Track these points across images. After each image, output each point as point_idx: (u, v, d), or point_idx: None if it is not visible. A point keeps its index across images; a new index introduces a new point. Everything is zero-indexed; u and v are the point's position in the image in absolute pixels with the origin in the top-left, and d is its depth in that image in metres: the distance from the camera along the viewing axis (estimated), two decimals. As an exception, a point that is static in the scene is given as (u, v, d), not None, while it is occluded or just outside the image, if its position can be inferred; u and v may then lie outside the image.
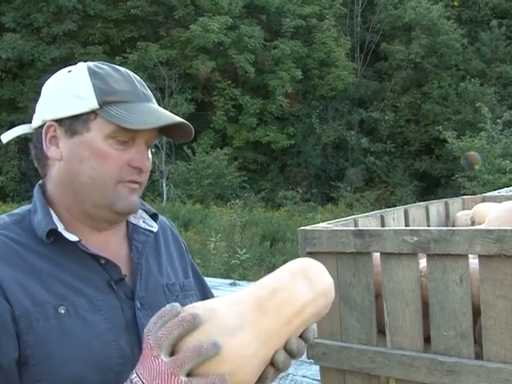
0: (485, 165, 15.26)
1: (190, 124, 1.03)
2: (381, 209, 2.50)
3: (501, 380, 1.34)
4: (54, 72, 1.10)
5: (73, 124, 0.98)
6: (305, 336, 0.89)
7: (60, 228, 0.97)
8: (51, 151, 1.00)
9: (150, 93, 1.06)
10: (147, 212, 1.13)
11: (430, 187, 21.88)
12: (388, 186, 21.74)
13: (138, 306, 1.01)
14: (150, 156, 1.04)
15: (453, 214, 2.76)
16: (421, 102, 23.09)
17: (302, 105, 23.33)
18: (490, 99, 20.38)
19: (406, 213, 2.36)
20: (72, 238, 0.97)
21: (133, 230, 1.10)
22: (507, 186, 5.80)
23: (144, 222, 1.12)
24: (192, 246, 10.25)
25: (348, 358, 1.59)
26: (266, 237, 12.31)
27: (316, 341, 1.66)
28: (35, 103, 1.05)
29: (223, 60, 22.08)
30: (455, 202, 2.87)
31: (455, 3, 26.50)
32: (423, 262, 1.52)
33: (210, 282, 1.33)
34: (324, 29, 23.36)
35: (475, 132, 16.70)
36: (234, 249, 9.64)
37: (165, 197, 18.73)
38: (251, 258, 9.21)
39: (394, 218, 2.25)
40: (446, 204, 2.76)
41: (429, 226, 2.50)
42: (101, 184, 0.98)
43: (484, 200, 2.91)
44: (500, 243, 1.32)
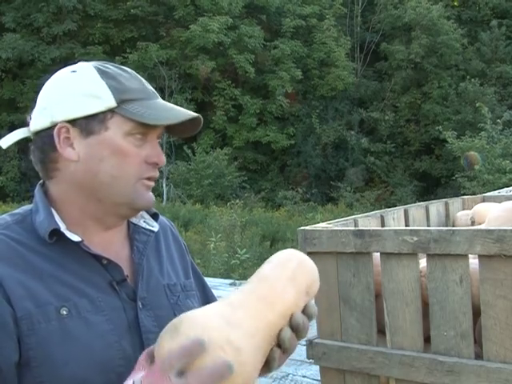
0: (485, 165, 15.26)
1: (201, 118, 1.03)
2: (381, 209, 2.50)
3: (501, 380, 1.34)
4: (54, 72, 1.08)
5: (88, 124, 0.97)
6: (307, 312, 0.91)
7: (62, 228, 0.96)
8: (67, 152, 0.97)
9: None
10: (148, 212, 1.13)
11: (430, 187, 21.89)
12: (388, 186, 21.75)
13: (140, 306, 1.00)
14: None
15: (453, 214, 2.76)
16: (421, 102, 23.09)
17: (302, 105, 23.33)
18: (490, 99, 20.39)
19: (405, 213, 2.36)
20: (74, 237, 0.96)
21: (134, 230, 1.09)
22: (507, 186, 5.80)
23: (145, 222, 1.11)
24: (192, 246, 10.25)
25: (348, 357, 1.59)
26: (265, 237, 12.32)
27: (316, 341, 1.66)
28: (35, 105, 1.03)
29: (223, 60, 22.08)
30: (455, 202, 2.87)
31: (455, 3, 26.50)
32: (423, 262, 1.52)
33: (210, 282, 1.33)
34: (324, 29, 23.36)
35: (475, 132, 16.70)
36: (233, 249, 9.64)
37: (165, 197, 18.73)
38: (251, 258, 9.21)
39: (394, 218, 2.25)
40: (446, 204, 2.76)
41: (429, 225, 2.50)
42: (122, 182, 0.99)
43: (484, 200, 2.91)
44: (500, 243, 1.32)
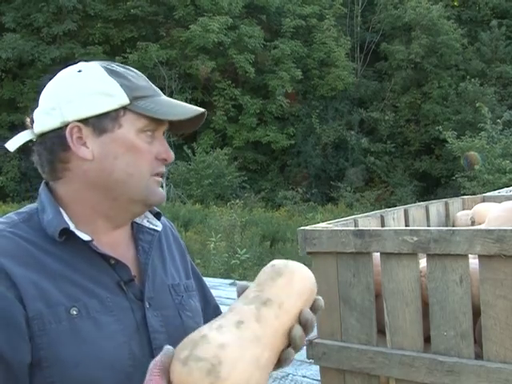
0: (485, 165, 15.26)
1: (206, 114, 1.04)
2: (381, 209, 2.50)
3: (501, 380, 1.34)
4: (55, 73, 1.08)
5: (100, 122, 0.97)
6: (314, 306, 0.91)
7: (72, 227, 0.96)
8: (81, 152, 0.97)
9: None
10: (151, 211, 1.13)
11: (430, 187, 21.89)
12: (388, 186, 21.75)
13: (147, 306, 1.00)
14: None
15: (453, 214, 2.76)
16: (421, 102, 23.09)
17: (302, 105, 23.33)
18: (490, 99, 20.39)
19: (406, 213, 2.36)
20: (84, 237, 0.96)
21: (138, 230, 1.09)
22: (507, 186, 5.80)
23: (148, 222, 1.11)
24: (192, 246, 10.24)
25: (348, 357, 1.59)
26: (265, 237, 12.32)
27: (316, 341, 1.66)
28: (35, 105, 1.02)
29: (223, 60, 22.08)
30: (455, 202, 2.87)
31: (455, 3, 26.50)
32: (423, 262, 1.52)
33: (209, 282, 1.33)
34: (324, 29, 23.36)
35: (475, 132, 16.71)
36: (233, 249, 9.64)
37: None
38: (251, 258, 9.21)
39: (394, 218, 2.25)
40: (446, 204, 2.76)
41: (429, 225, 2.50)
42: (137, 179, 0.99)
43: (484, 200, 2.91)
44: (500, 243, 1.32)
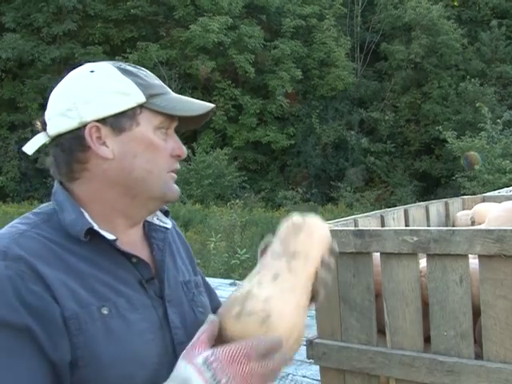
0: (485, 165, 15.26)
1: (213, 108, 1.06)
2: (381, 209, 2.50)
3: (501, 380, 1.34)
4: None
5: (118, 121, 0.98)
6: (331, 251, 1.08)
7: (96, 227, 0.96)
8: (102, 151, 0.97)
9: None
10: (160, 209, 1.13)
11: (430, 187, 21.89)
12: (388, 186, 21.75)
13: (167, 303, 1.02)
14: None
15: (453, 214, 2.76)
16: (421, 102, 23.10)
17: (302, 105, 23.33)
18: (490, 99, 20.40)
19: (406, 213, 2.36)
20: (109, 236, 0.97)
21: (149, 228, 1.10)
22: (507, 186, 5.80)
23: (158, 219, 1.12)
24: (192, 246, 10.15)
25: (348, 357, 1.59)
26: (265, 237, 12.30)
27: (316, 341, 1.66)
28: (44, 105, 1.01)
29: (223, 60, 22.08)
30: (455, 202, 2.87)
31: (455, 3, 26.51)
32: (423, 262, 1.52)
33: (210, 281, 1.33)
34: (324, 29, 23.37)
35: (475, 132, 16.71)
36: (233, 249, 9.64)
37: (165, 197, 18.71)
38: (251, 258, 9.21)
39: (394, 218, 2.25)
40: (446, 204, 2.76)
41: (429, 225, 2.50)
42: (156, 176, 1.00)
43: (484, 200, 2.91)
44: (500, 243, 1.32)
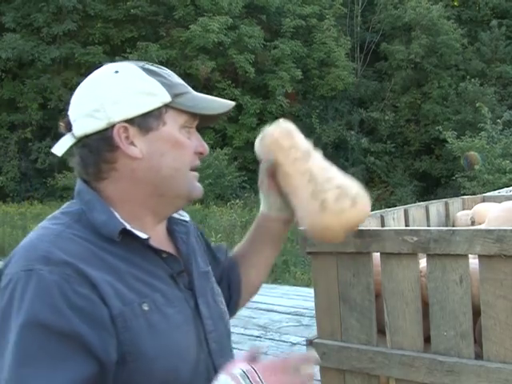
0: (485, 165, 15.25)
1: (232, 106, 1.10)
2: (381, 209, 2.50)
3: (501, 380, 1.34)
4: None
5: (145, 121, 1.00)
6: None
7: (128, 226, 0.98)
8: (131, 151, 0.99)
9: None
10: None
11: (430, 187, 21.88)
12: (388, 186, 21.74)
13: (197, 295, 1.06)
14: None
15: (453, 214, 2.76)
16: (421, 102, 23.08)
17: (301, 105, 23.33)
18: (490, 99, 20.38)
19: (406, 213, 2.35)
20: (143, 235, 0.99)
21: (170, 222, 1.12)
22: (507, 186, 5.80)
23: (177, 213, 1.15)
24: (192, 246, 10.22)
25: (348, 357, 1.59)
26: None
27: (316, 341, 1.66)
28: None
29: (223, 60, 22.07)
30: (455, 202, 2.87)
31: (455, 3, 26.49)
32: (423, 262, 1.52)
33: (209, 282, 1.34)
34: (324, 29, 23.34)
35: (475, 132, 16.70)
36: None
37: (165, 197, 18.69)
38: (251, 258, 9.20)
39: (394, 218, 2.25)
40: (446, 204, 2.76)
41: (429, 225, 2.50)
42: (181, 174, 1.04)
43: (484, 200, 2.91)
44: (500, 243, 1.32)
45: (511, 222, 1.64)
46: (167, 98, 1.01)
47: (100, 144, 0.99)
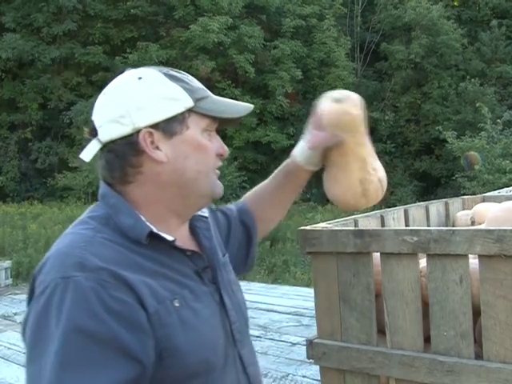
0: (485, 165, 15.26)
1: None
2: (381, 209, 2.50)
3: (501, 380, 1.34)
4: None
5: (169, 125, 1.03)
6: None
7: (155, 229, 1.01)
8: (156, 155, 1.02)
9: None
10: None
11: (430, 187, 21.88)
12: (388, 186, 21.70)
13: (221, 288, 1.11)
14: None
15: (453, 214, 2.76)
16: (421, 102, 23.09)
17: (302, 105, 23.32)
18: (490, 99, 20.39)
19: (406, 213, 2.36)
20: (169, 237, 1.02)
21: (191, 219, 1.15)
22: (507, 186, 5.80)
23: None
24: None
25: (348, 357, 1.59)
26: (265, 237, 12.24)
27: (316, 341, 1.66)
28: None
29: (223, 60, 22.07)
30: (455, 202, 2.87)
31: (455, 3, 26.50)
32: (423, 262, 1.52)
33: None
34: (324, 29, 23.34)
35: (475, 132, 16.70)
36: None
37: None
38: (251, 258, 9.20)
39: (394, 218, 2.25)
40: (446, 204, 2.76)
41: (429, 225, 2.50)
42: (205, 175, 1.07)
43: (484, 200, 2.91)
44: (500, 243, 1.32)
45: (511, 222, 1.64)
46: (190, 103, 1.04)
47: (126, 149, 1.02)
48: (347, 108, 1.32)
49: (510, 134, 16.37)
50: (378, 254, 1.55)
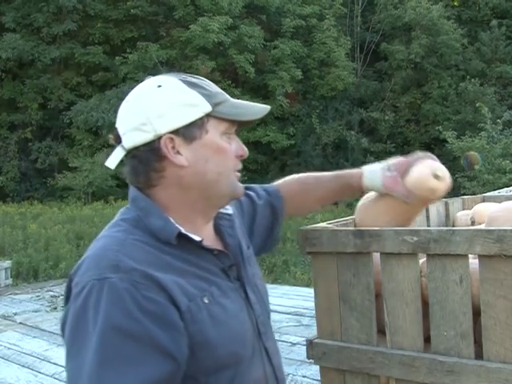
0: (485, 165, 15.25)
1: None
2: (381, 209, 2.47)
3: (501, 380, 1.34)
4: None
5: (189, 131, 1.07)
6: None
7: (183, 230, 1.06)
8: (178, 160, 1.06)
9: None
10: None
11: (430, 187, 21.84)
12: (388, 186, 21.70)
13: (245, 284, 1.16)
14: None
15: (453, 214, 2.75)
16: (421, 102, 23.09)
17: (302, 105, 23.33)
18: (490, 99, 20.39)
19: (406, 213, 2.35)
20: (196, 238, 1.07)
21: (215, 217, 1.19)
22: (507, 186, 5.80)
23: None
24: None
25: (348, 357, 1.59)
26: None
27: (316, 341, 1.66)
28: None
29: (223, 60, 22.07)
30: (455, 202, 2.86)
31: (455, 3, 26.50)
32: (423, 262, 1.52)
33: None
34: (324, 29, 23.35)
35: (475, 132, 16.70)
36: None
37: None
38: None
39: (394, 218, 2.24)
40: (446, 204, 2.76)
41: (429, 225, 2.50)
42: (225, 176, 1.12)
43: (484, 200, 2.90)
44: (500, 243, 1.31)
45: (511, 222, 1.64)
46: (208, 108, 1.08)
47: (148, 155, 1.07)
48: (437, 189, 1.40)
49: (510, 134, 16.36)
50: (378, 253, 1.55)
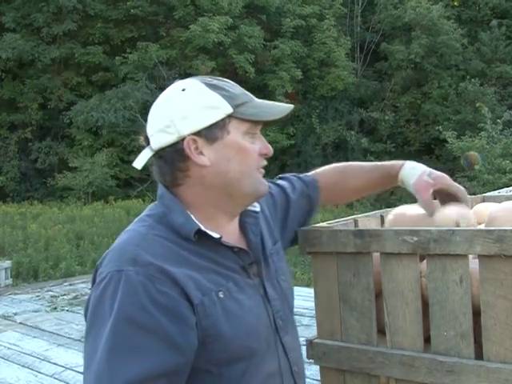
0: (485, 165, 15.27)
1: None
2: (381, 209, 2.49)
3: (501, 380, 1.34)
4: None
5: (211, 132, 1.11)
6: None
7: (202, 227, 1.10)
8: (200, 160, 1.11)
9: None
10: None
11: (430, 187, 21.86)
12: (388, 186, 21.73)
13: (265, 281, 1.20)
14: None
15: (453, 214, 2.75)
16: (421, 102, 23.09)
17: (302, 105, 23.32)
18: (490, 99, 20.40)
19: (406, 213, 2.35)
20: (215, 235, 1.11)
21: (242, 214, 1.23)
22: (507, 186, 5.80)
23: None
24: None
25: (348, 357, 1.58)
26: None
27: (316, 341, 1.66)
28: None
29: (223, 60, 22.08)
30: (455, 202, 2.86)
31: (455, 3, 26.51)
32: (423, 262, 1.52)
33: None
34: (324, 29, 23.35)
35: (475, 132, 16.71)
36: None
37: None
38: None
39: (394, 218, 2.24)
40: (446, 204, 2.75)
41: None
42: (248, 175, 1.15)
43: (484, 200, 2.90)
44: (500, 243, 1.31)
45: (511, 222, 1.64)
46: (229, 110, 1.12)
47: (173, 155, 1.12)
48: (453, 221, 1.52)
49: (510, 134, 16.37)
50: (378, 253, 1.54)
